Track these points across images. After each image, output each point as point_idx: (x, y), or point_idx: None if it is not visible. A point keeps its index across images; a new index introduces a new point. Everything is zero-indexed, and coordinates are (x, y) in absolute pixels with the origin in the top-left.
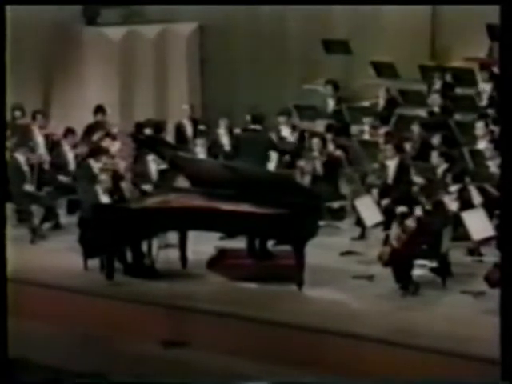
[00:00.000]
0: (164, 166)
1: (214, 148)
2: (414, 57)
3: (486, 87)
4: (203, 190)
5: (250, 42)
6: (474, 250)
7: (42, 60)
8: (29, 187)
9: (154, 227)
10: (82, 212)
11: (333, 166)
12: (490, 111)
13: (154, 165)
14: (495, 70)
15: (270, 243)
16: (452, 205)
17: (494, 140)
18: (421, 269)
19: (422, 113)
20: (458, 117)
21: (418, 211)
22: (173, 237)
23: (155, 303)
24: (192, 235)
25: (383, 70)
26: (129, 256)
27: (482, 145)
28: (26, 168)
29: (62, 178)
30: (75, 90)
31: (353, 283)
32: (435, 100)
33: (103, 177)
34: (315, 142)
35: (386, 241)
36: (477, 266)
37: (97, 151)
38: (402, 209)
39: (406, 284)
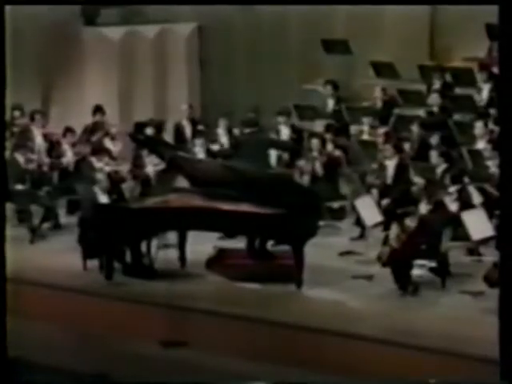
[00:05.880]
0: (162, 167)
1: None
2: (414, 57)
3: (484, 87)
4: (203, 190)
5: (250, 42)
6: (474, 250)
7: (41, 60)
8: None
9: (153, 227)
10: (82, 212)
11: (332, 165)
12: (490, 111)
13: (151, 165)
14: (494, 69)
15: (270, 243)
16: (452, 205)
17: (493, 140)
18: (420, 269)
19: (421, 113)
20: (457, 117)
21: (418, 211)
22: (172, 237)
23: (154, 303)
24: (191, 235)
25: (383, 70)
26: (128, 256)
27: (481, 145)
28: (25, 168)
29: (60, 177)
30: (75, 90)
31: (352, 283)
32: (434, 100)
33: (100, 176)
34: (314, 142)
35: (386, 241)
36: (476, 266)
37: (99, 150)
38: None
39: (405, 284)
